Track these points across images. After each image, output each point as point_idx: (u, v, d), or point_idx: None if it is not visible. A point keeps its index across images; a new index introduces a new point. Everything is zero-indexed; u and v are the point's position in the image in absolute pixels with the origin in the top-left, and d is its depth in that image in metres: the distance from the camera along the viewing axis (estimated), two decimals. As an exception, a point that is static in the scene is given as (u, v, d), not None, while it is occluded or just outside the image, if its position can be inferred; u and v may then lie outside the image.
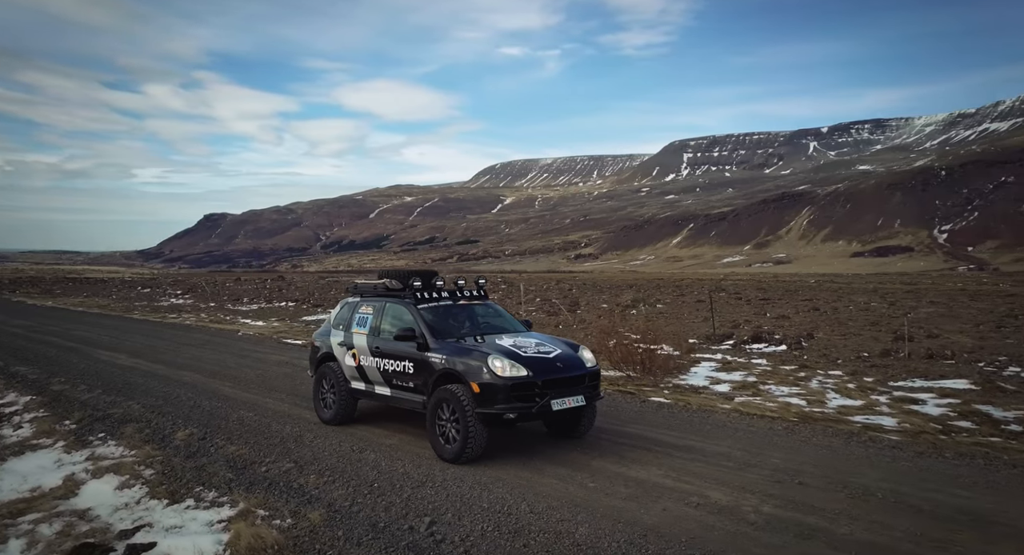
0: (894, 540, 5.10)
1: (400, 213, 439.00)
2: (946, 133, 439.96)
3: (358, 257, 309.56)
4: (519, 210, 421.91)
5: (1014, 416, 9.90)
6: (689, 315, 24.94)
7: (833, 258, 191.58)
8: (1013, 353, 15.24)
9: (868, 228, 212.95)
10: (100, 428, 8.98)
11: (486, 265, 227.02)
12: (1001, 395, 11.45)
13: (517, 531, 5.56)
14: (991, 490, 6.27)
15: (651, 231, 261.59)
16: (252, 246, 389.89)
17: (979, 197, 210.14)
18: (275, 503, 6.30)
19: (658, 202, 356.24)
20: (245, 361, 14.49)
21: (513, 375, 7.15)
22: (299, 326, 23.76)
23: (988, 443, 8.34)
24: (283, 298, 38.47)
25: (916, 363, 14.38)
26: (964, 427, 9.44)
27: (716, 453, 7.63)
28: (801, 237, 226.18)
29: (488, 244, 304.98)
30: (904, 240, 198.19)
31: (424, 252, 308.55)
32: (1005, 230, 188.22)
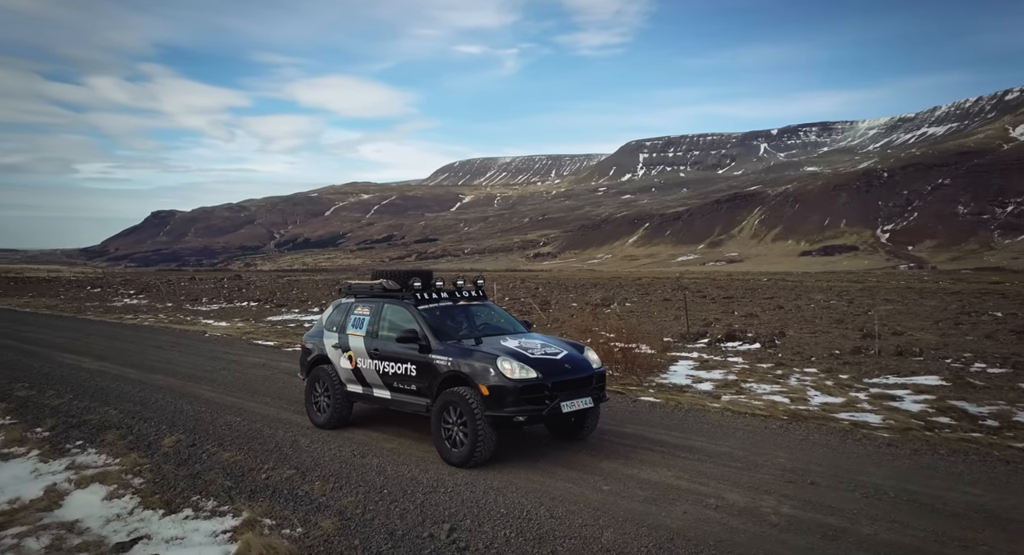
0: (920, 540, 5.17)
1: (356, 211, 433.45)
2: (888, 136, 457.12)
3: (313, 255, 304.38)
4: (478, 209, 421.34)
5: (988, 412, 10.25)
6: (659, 314, 25.22)
7: (783, 257, 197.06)
8: (976, 349, 15.84)
9: (816, 228, 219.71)
10: (77, 435, 8.54)
11: (445, 264, 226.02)
12: (972, 391, 11.85)
13: (541, 537, 5.46)
14: (994, 487, 6.43)
15: (608, 230, 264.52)
16: (203, 244, 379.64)
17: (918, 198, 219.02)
18: (282, 511, 6.07)
19: (615, 202, 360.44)
20: (219, 363, 14.01)
21: (523, 377, 7.05)
22: (265, 327, 23.15)
23: (972, 439, 8.60)
24: (244, 298, 37.47)
25: (887, 360, 14.80)
26: (945, 423, 9.73)
27: (720, 453, 7.67)
28: (753, 236, 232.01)
29: (447, 243, 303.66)
30: (849, 239, 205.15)
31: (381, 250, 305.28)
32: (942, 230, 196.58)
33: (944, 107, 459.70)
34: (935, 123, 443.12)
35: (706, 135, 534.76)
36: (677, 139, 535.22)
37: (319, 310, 29.28)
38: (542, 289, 44.67)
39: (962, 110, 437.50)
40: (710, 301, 32.48)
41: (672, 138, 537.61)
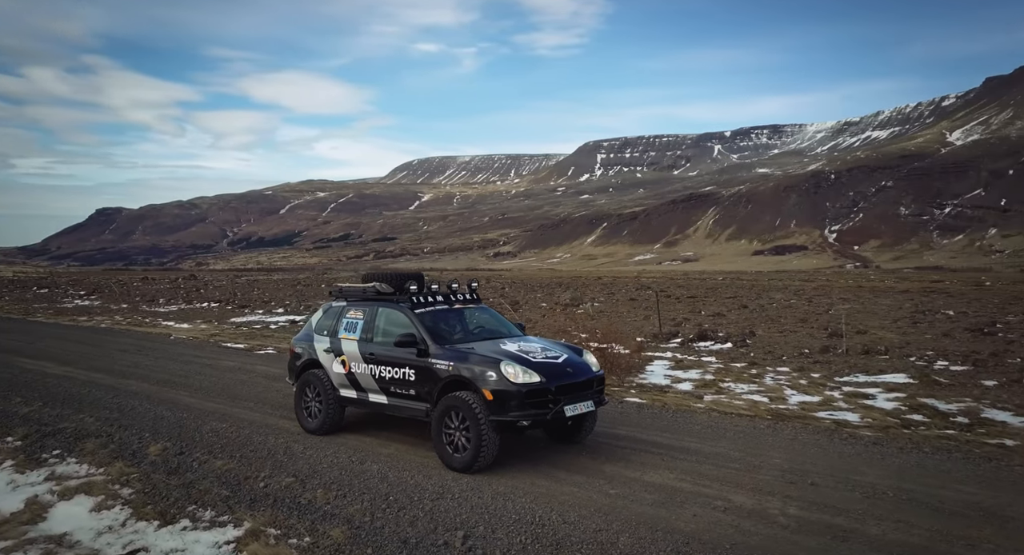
0: (926, 540, 5.32)
1: (313, 209, 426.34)
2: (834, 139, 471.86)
3: (268, 254, 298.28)
4: (437, 207, 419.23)
5: (957, 408, 10.65)
6: (628, 313, 25.50)
7: (737, 256, 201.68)
8: (936, 347, 16.48)
9: (767, 228, 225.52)
10: (53, 445, 8.19)
11: (404, 263, 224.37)
12: (939, 388, 12.32)
13: (558, 543, 5.46)
14: (984, 484, 6.67)
15: (567, 230, 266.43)
16: (151, 243, 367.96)
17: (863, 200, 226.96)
18: (286, 521, 5.94)
19: (573, 201, 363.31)
20: (191, 367, 13.59)
21: (526, 381, 7.03)
22: (230, 328, 22.57)
23: (949, 436, 8.93)
24: (203, 299, 36.46)
25: (855, 359, 15.27)
26: (919, 420, 10.06)
27: (716, 454, 7.79)
28: (707, 236, 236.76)
29: (406, 241, 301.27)
30: (799, 239, 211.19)
31: (339, 249, 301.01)
32: (885, 230, 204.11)
33: (887, 112, 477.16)
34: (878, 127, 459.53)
35: (662, 136, 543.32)
36: (634, 140, 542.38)
37: (284, 311, 28.70)
38: (508, 289, 44.71)
39: (903, 115, 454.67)
40: (675, 300, 33.01)
41: (629, 139, 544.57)
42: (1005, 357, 14.84)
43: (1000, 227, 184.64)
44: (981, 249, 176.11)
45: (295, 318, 25.77)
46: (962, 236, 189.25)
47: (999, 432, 9.18)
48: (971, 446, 8.24)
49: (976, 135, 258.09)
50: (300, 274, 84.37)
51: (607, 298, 34.69)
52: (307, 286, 50.08)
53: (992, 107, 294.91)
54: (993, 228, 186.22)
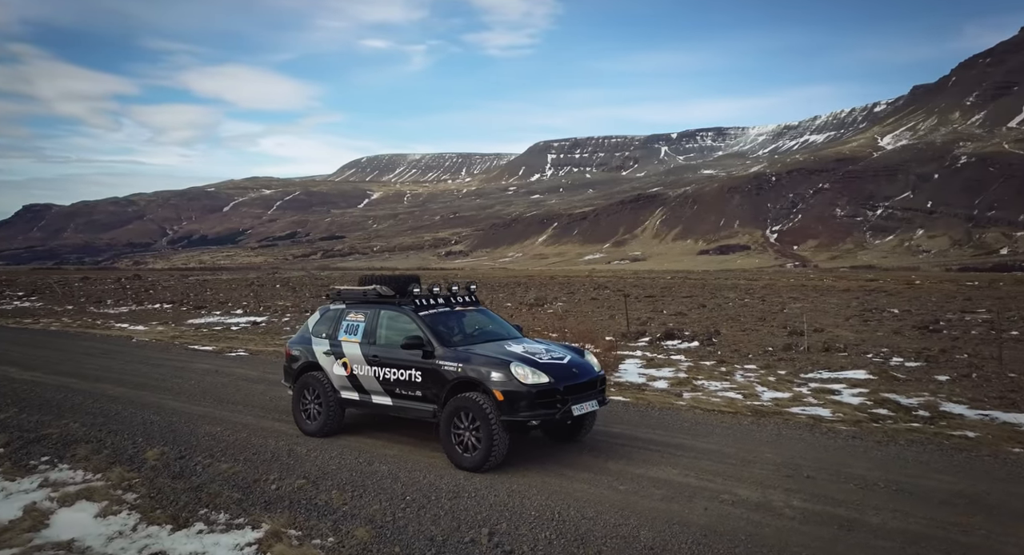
0: (924, 527, 5.69)
1: (258, 207, 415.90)
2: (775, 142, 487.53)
3: (211, 253, 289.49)
4: (387, 206, 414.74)
5: (917, 403, 11.31)
6: (593, 313, 25.95)
7: (683, 255, 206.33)
8: (890, 345, 17.39)
9: (712, 228, 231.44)
10: (40, 451, 7.99)
11: (353, 262, 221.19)
12: (897, 383, 13.04)
13: (582, 538, 5.66)
14: (961, 474, 7.15)
15: (519, 229, 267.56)
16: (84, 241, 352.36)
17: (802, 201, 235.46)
18: (305, 522, 5.99)
19: (525, 201, 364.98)
20: (165, 371, 13.27)
21: (536, 382, 7.22)
22: (190, 330, 22.03)
23: (917, 429, 9.47)
24: (153, 300, 35.31)
25: (816, 356, 16.00)
26: (884, 414, 10.64)
27: (711, 450, 8.13)
28: (654, 236, 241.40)
29: (355, 240, 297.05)
30: (742, 239, 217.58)
31: (285, 248, 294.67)
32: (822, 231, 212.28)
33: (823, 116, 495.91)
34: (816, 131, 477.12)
35: (611, 137, 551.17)
36: (583, 141, 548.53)
37: (243, 312, 28.10)
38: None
39: (838, 120, 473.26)
40: (635, 300, 33.69)
41: (579, 139, 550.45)
42: (953, 353, 15.80)
43: (927, 228, 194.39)
44: (910, 249, 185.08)
45: (256, 319, 25.28)
46: (892, 237, 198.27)
47: (959, 424, 9.81)
48: (939, 438, 8.81)
49: (905, 140, 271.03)
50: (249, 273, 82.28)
51: (568, 298, 35.15)
52: (261, 286, 49.00)
53: (919, 114, 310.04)
54: (920, 229, 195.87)
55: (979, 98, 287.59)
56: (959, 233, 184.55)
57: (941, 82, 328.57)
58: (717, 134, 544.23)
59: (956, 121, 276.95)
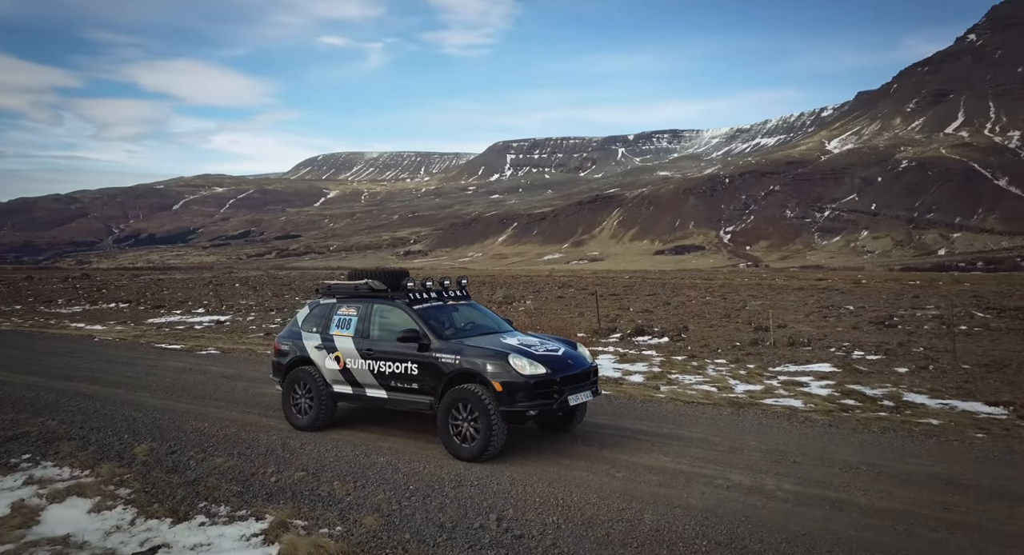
0: (909, 506, 6.01)
1: (210, 205, 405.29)
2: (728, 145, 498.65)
3: (160, 252, 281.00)
4: (344, 204, 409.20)
5: (882, 393, 11.83)
6: (563, 310, 26.24)
7: (640, 255, 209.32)
8: (850, 339, 18.09)
9: (668, 229, 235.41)
10: (19, 449, 7.79)
11: (309, 261, 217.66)
12: (860, 375, 13.61)
13: (589, 521, 5.82)
14: (934, 458, 7.53)
15: (478, 229, 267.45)
16: (23, 239, 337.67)
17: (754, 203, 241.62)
18: (310, 512, 6.01)
19: (484, 201, 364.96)
20: (137, 369, 12.96)
21: (533, 373, 7.36)
22: (152, 330, 21.48)
23: (885, 418, 9.89)
24: (107, 299, 34.21)
25: (782, 350, 16.54)
26: (852, 405, 11.08)
27: (697, 439, 8.39)
28: (612, 236, 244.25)
29: (311, 239, 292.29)
30: (697, 240, 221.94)
31: (238, 247, 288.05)
32: (773, 232, 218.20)
33: (774, 120, 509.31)
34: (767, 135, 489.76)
35: (569, 138, 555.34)
36: (542, 141, 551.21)
37: (204, 312, 27.47)
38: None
39: (788, 123, 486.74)
40: (600, 298, 34.16)
41: (538, 140, 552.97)
42: (910, 347, 16.54)
43: (871, 230, 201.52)
44: (855, 250, 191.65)
45: (220, 318, 24.77)
46: (839, 238, 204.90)
47: (923, 413, 10.32)
48: (908, 426, 9.26)
49: (850, 144, 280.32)
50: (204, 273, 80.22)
51: (535, 296, 35.39)
52: (220, 286, 47.89)
53: (864, 119, 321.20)
54: (865, 231, 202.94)
55: (918, 105, 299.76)
56: (901, 234, 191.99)
57: (884, 89, 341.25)
58: (672, 136, 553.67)
59: (898, 127, 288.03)
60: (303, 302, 8.66)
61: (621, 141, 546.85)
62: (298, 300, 31.56)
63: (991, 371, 13.55)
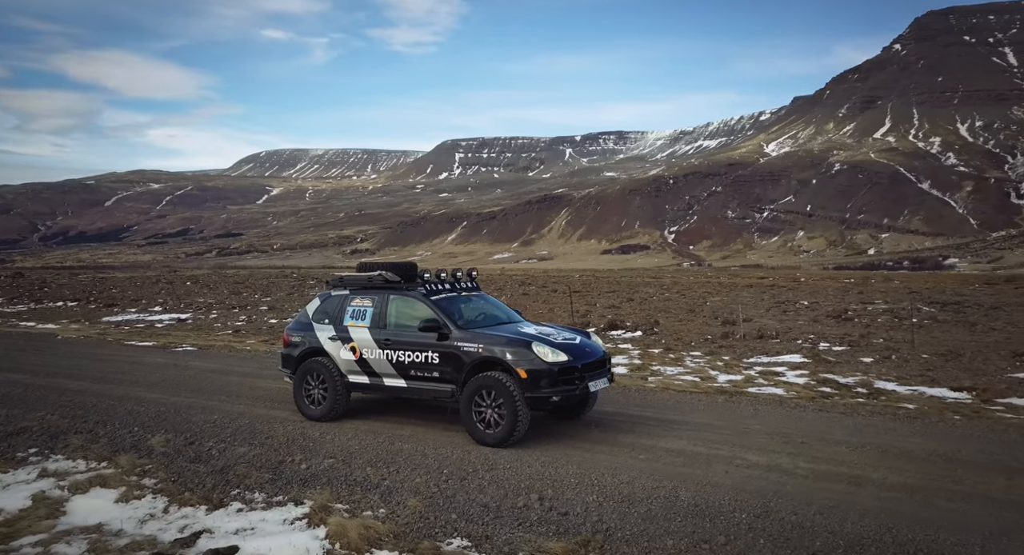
0: (920, 480, 6.41)
1: (145, 202, 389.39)
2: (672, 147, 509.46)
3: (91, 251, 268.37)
4: (288, 202, 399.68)
5: (854, 381, 12.43)
6: (532, 306, 26.53)
7: (587, 255, 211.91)
8: (814, 332, 18.94)
9: (614, 228, 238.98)
10: (23, 443, 7.63)
11: (252, 260, 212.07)
12: (830, 365, 14.29)
13: (628, 498, 6.06)
14: (927, 437, 8.03)
15: (428, 228, 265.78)
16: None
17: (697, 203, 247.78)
18: (350, 496, 6.10)
19: (433, 199, 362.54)
20: (116, 365, 12.60)
21: (556, 360, 7.56)
22: (112, 328, 20.80)
23: (865, 404, 10.36)
24: (52, 297, 32.70)
25: (752, 343, 17.23)
26: (830, 392, 11.64)
27: (703, 424, 8.72)
28: (560, 236, 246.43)
29: (253, 238, 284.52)
30: (643, 239, 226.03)
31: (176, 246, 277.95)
32: (715, 232, 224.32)
33: (715, 123, 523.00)
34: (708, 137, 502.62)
35: (517, 138, 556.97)
36: (491, 141, 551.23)
37: (162, 310, 26.63)
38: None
39: (729, 127, 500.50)
40: (563, 295, 34.64)
41: (486, 139, 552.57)
42: (870, 338, 17.46)
43: (806, 230, 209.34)
44: (792, 249, 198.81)
45: (180, 316, 24.10)
46: (777, 238, 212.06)
47: (897, 398, 10.94)
48: (890, 410, 9.82)
49: (787, 148, 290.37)
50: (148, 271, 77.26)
51: (498, 293, 35.59)
52: (171, 284, 46.31)
53: (799, 123, 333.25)
54: (801, 231, 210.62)
55: (850, 110, 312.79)
56: (834, 235, 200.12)
57: (817, 95, 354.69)
58: (619, 138, 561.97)
59: (831, 131, 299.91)
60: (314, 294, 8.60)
61: (569, 142, 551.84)
62: (258, 298, 30.91)
63: (948, 360, 14.47)
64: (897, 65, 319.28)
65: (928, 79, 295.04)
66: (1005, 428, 8.50)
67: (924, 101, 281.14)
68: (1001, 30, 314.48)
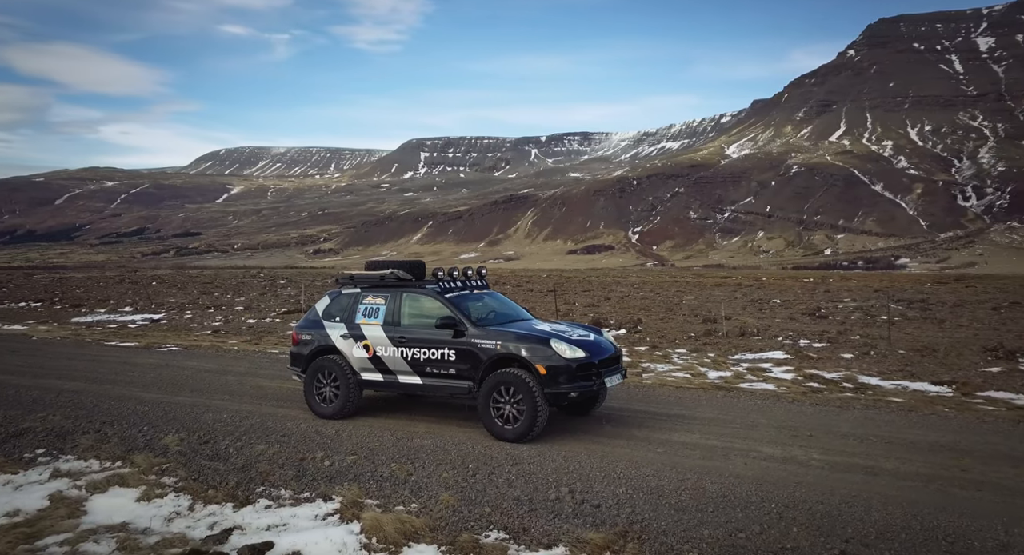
0: (931, 469, 6.66)
1: (99, 200, 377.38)
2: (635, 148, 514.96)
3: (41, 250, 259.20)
4: (249, 201, 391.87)
5: (839, 376, 12.76)
6: (511, 306, 26.63)
7: (553, 255, 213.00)
8: (793, 329, 19.42)
9: (580, 229, 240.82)
10: (29, 444, 7.46)
11: (212, 260, 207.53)
12: (813, 361, 14.67)
13: (656, 490, 6.18)
14: (926, 428, 8.32)
15: (392, 227, 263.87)
16: None
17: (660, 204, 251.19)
18: (379, 492, 6.11)
19: (398, 198, 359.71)
20: (108, 366, 12.32)
21: (574, 357, 7.66)
22: (82, 328, 20.19)
23: (856, 397, 10.65)
24: (13, 298, 31.54)
25: (735, 340, 17.59)
26: (818, 387, 11.94)
27: (711, 418, 8.90)
28: (526, 236, 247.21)
29: (213, 237, 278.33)
30: (607, 239, 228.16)
31: (132, 245, 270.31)
32: (678, 232, 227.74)
33: (678, 125, 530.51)
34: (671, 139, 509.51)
35: (483, 138, 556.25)
36: (456, 140, 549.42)
37: (132, 310, 25.94)
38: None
39: (691, 129, 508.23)
40: (539, 293, 34.83)
41: (452, 139, 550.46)
42: (848, 335, 18.00)
43: (766, 230, 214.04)
44: (752, 249, 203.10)
45: (154, 317, 23.53)
46: (738, 238, 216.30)
47: (883, 392, 11.26)
48: (883, 404, 10.11)
49: (747, 150, 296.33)
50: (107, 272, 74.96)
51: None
52: (135, 284, 45.06)
53: (758, 126, 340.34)
54: (761, 231, 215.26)
55: (807, 114, 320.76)
56: (792, 235, 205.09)
57: (776, 98, 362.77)
58: (583, 138, 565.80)
59: (789, 134, 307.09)
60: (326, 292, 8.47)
61: (534, 142, 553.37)
62: (230, 298, 30.32)
63: (924, 355, 15.01)
64: (851, 70, 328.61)
65: (880, 84, 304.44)
66: (995, 419, 8.88)
67: (877, 106, 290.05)
68: (948, 38, 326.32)
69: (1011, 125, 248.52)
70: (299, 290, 36.75)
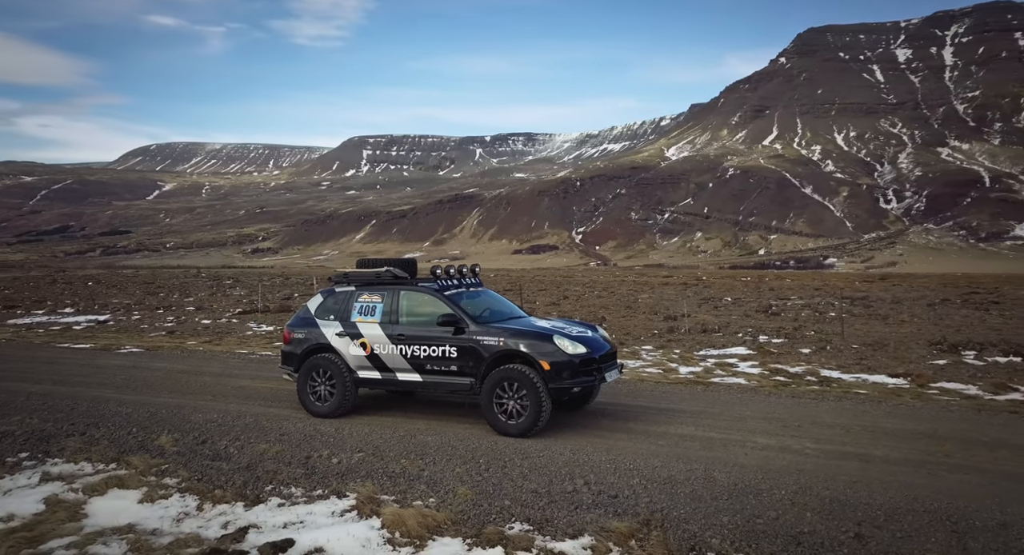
0: (918, 455, 7.02)
1: (16, 196, 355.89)
2: (578, 150, 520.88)
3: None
4: (183, 198, 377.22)
5: (802, 370, 13.31)
6: (471, 305, 26.63)
7: (499, 254, 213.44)
8: (751, 326, 20.13)
9: (524, 229, 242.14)
10: (11, 449, 7.19)
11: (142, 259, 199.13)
12: (775, 356, 15.20)
13: (668, 480, 6.35)
14: (903, 418, 8.74)
15: (334, 226, 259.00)
16: None
17: (603, 205, 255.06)
18: (394, 488, 6.10)
19: (339, 197, 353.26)
20: (70, 368, 11.84)
21: (576, 353, 7.77)
22: (22, 330, 19.22)
23: (825, 390, 11.18)
24: (-66, 298, 29.48)
25: (697, 337, 18.10)
26: (784, 381, 12.42)
27: (701, 412, 9.13)
28: (472, 235, 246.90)
29: (143, 236, 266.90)
30: (552, 239, 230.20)
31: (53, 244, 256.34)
32: (620, 232, 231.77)
33: (619, 127, 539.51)
34: (613, 141, 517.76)
35: (427, 137, 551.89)
36: (400, 138, 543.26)
37: (74, 311, 24.72)
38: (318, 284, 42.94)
39: (632, 131, 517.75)
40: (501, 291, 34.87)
41: (395, 137, 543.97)
42: (803, 331, 18.80)
43: (704, 231, 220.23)
44: (691, 249, 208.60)
45: (99, 318, 22.49)
46: (677, 238, 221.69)
47: (847, 385, 11.74)
48: (851, 395, 10.60)
49: (686, 152, 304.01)
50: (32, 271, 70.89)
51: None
52: (70, 284, 42.86)
53: (696, 129, 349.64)
54: (699, 232, 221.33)
55: (741, 118, 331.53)
56: (728, 236, 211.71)
57: (713, 102, 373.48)
58: (527, 139, 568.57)
59: (725, 138, 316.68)
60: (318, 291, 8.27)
61: (479, 142, 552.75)
62: (178, 299, 29.23)
63: (876, 349, 15.79)
64: (783, 77, 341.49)
65: (809, 91, 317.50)
66: (960, 408, 9.47)
67: (806, 111, 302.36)
68: (870, 49, 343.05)
69: (927, 132, 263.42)
70: (249, 290, 35.74)
